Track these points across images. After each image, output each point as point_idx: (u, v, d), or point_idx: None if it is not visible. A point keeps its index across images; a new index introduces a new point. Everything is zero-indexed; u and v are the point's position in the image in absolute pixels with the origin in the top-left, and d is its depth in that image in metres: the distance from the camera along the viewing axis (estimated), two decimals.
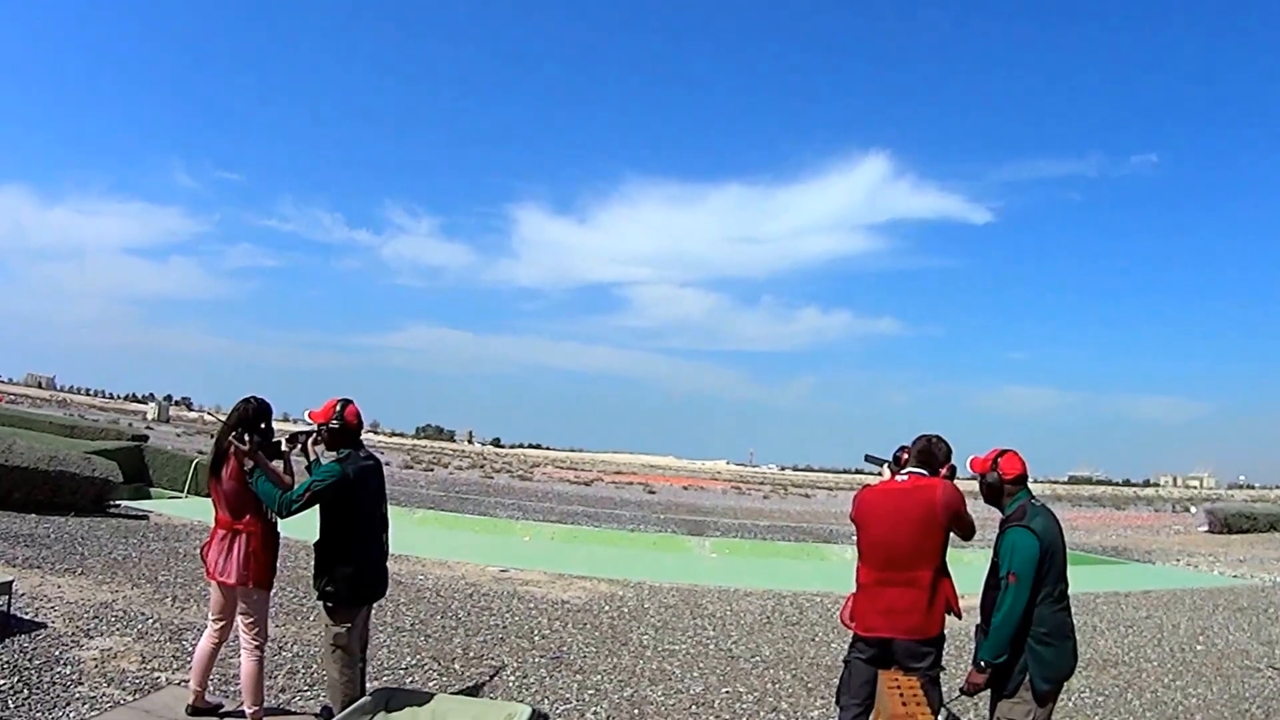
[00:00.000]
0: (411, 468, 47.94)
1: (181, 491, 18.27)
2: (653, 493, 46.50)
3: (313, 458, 4.92)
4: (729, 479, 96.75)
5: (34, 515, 12.05)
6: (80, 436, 22.31)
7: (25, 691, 5.29)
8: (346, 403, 4.90)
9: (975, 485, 4.43)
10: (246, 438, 4.76)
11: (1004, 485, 4.30)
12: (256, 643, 4.97)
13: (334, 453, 4.89)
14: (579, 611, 9.73)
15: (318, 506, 4.77)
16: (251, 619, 4.96)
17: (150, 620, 7.45)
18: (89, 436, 22.88)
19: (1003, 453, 4.33)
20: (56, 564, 9.16)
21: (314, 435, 4.92)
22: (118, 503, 14.41)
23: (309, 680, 6.34)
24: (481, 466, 60.68)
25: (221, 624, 5.08)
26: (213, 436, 5.19)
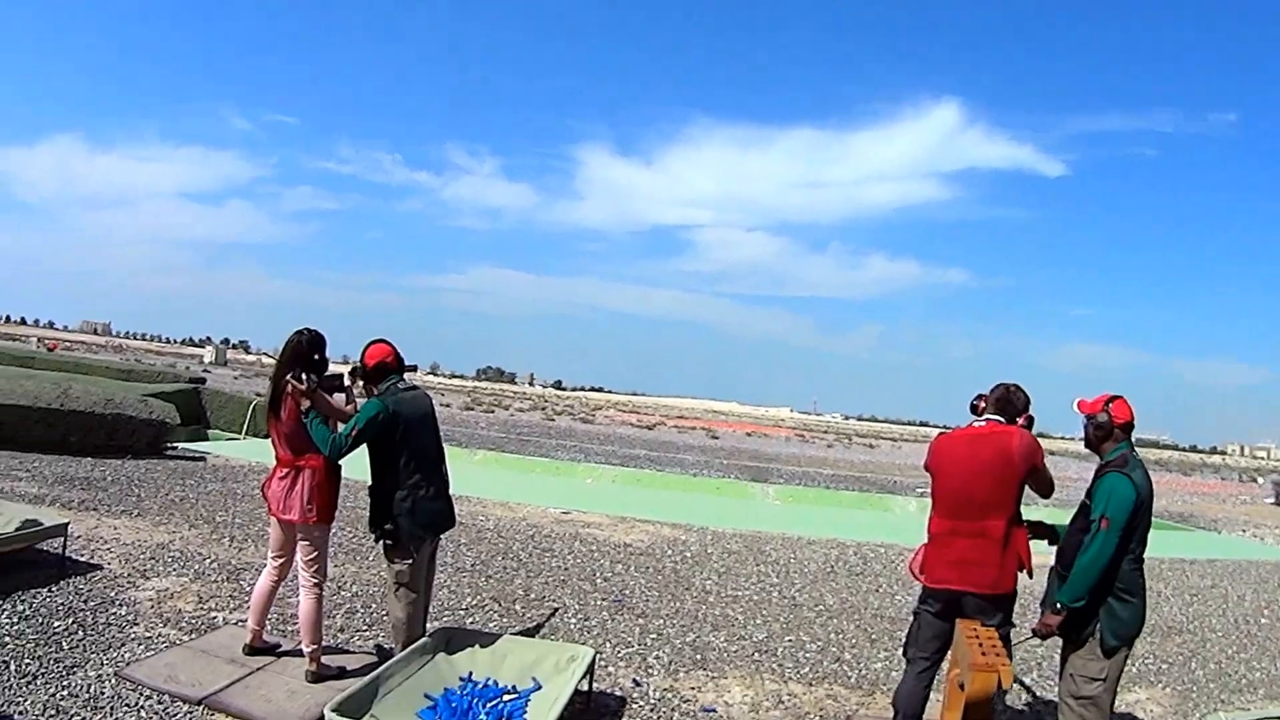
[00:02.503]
0: (472, 409, 49.19)
1: (239, 433, 18.96)
2: (716, 438, 47.79)
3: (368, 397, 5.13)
4: (792, 426, 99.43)
5: (90, 459, 12.71)
6: (137, 380, 23.11)
7: (80, 633, 5.64)
8: (371, 343, 5.14)
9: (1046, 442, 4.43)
10: (304, 377, 4.92)
11: (1114, 429, 4.35)
12: (315, 580, 5.19)
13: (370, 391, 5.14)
14: (641, 555, 10.15)
15: (367, 448, 4.97)
16: (311, 556, 5.19)
17: (207, 560, 7.85)
18: (146, 380, 23.69)
19: (1114, 398, 4.40)
20: (113, 506, 9.68)
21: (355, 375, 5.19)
22: (175, 445, 15.09)
23: (368, 620, 6.67)
24: (543, 409, 62.12)
25: (281, 561, 5.34)
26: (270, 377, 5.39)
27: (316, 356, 5.08)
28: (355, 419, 4.93)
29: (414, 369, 5.46)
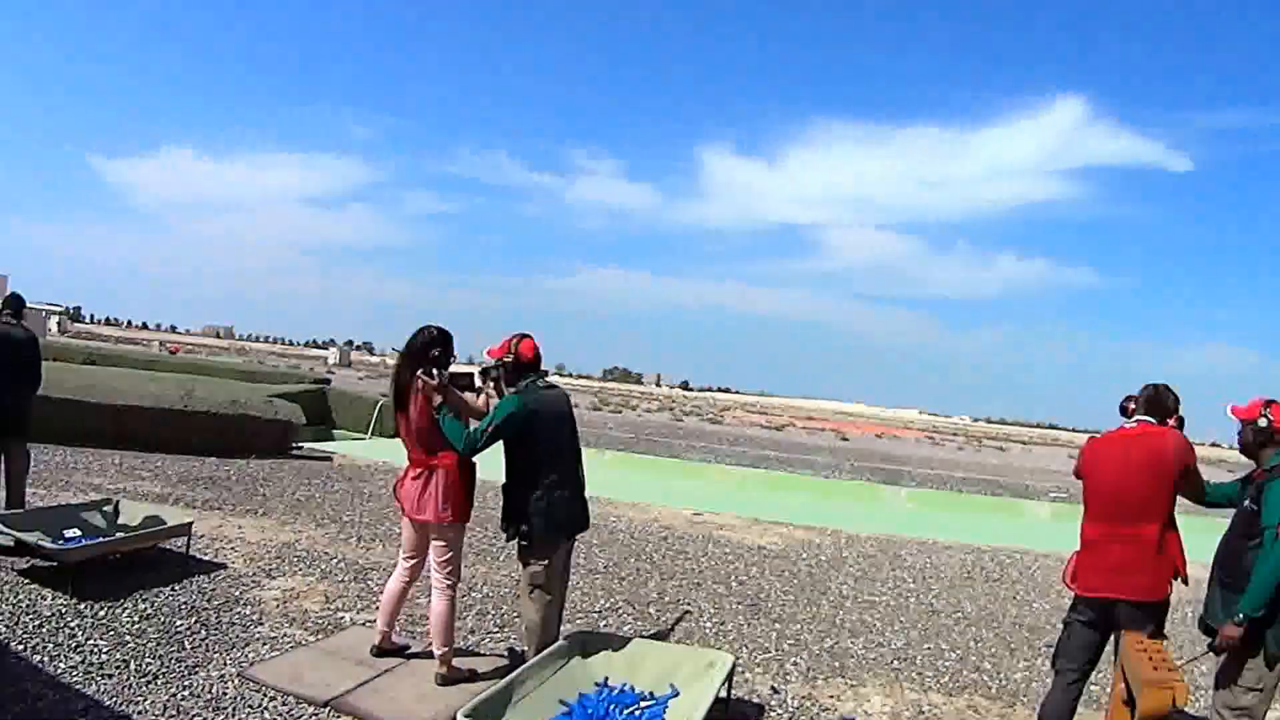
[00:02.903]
0: (600, 409, 49.48)
1: (365, 433, 19.27)
2: (845, 440, 48.30)
3: (499, 396, 5.15)
4: (921, 428, 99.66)
5: (214, 459, 12.98)
6: (261, 381, 23.78)
7: (203, 632, 5.61)
8: (522, 337, 5.10)
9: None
10: (435, 372, 4.94)
11: (1275, 434, 4.29)
12: (449, 582, 5.17)
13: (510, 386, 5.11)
14: (776, 558, 10.14)
15: (503, 446, 4.96)
16: (445, 557, 5.17)
17: (334, 560, 7.85)
18: (270, 381, 24.37)
19: (1270, 401, 4.35)
20: (238, 505, 9.81)
21: (495, 371, 5.16)
22: (300, 445, 15.34)
23: (499, 622, 6.56)
24: (670, 409, 62.78)
25: (413, 562, 5.35)
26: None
27: (441, 352, 5.08)
28: (492, 415, 4.93)
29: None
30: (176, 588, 6.37)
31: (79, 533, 6.64)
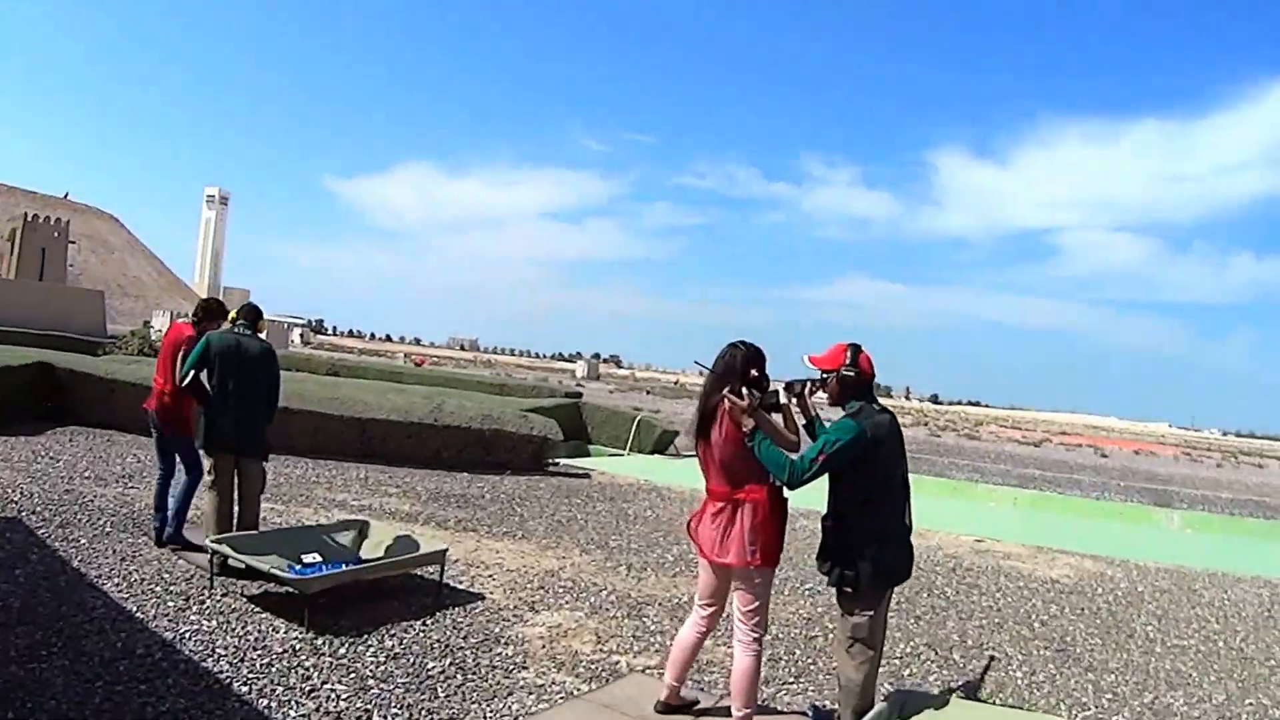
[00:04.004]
0: None
1: (623, 449, 19.10)
2: (1104, 456, 48.88)
3: (813, 414, 4.93)
4: (1175, 443, 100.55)
5: (465, 474, 13.02)
6: (510, 394, 24.29)
7: (459, 677, 5.22)
8: (857, 348, 4.81)
9: None
10: (745, 393, 4.61)
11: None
12: (755, 634, 4.78)
13: (839, 408, 4.82)
14: (1071, 593, 9.91)
15: (827, 478, 4.67)
16: (752, 607, 4.78)
17: (603, 592, 7.46)
18: (519, 394, 24.86)
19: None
20: (493, 527, 9.60)
21: (812, 384, 4.87)
22: (556, 461, 15.25)
23: (793, 669, 6.20)
24: (925, 424, 63.36)
25: (711, 610, 5.01)
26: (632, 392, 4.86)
27: (756, 373, 4.77)
28: (822, 440, 4.56)
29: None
30: (429, 622, 6.08)
31: (319, 558, 6.46)
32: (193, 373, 6.93)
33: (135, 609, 5.70)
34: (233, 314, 7.42)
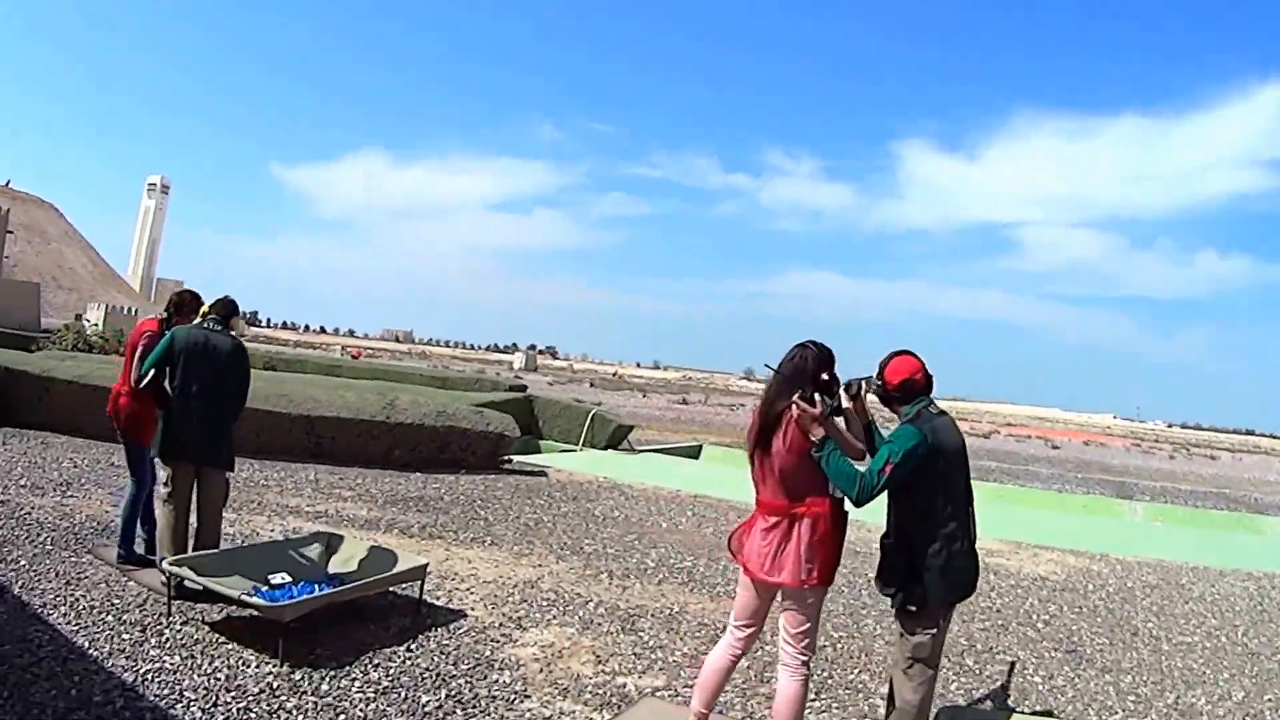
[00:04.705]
0: None
1: (576, 445, 18.68)
2: (1056, 448, 49.81)
3: (869, 417, 4.71)
4: (1122, 434, 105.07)
5: (419, 474, 12.53)
6: (452, 388, 23.78)
7: (459, 712, 4.78)
8: (895, 355, 4.72)
9: None
10: (819, 399, 4.40)
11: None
12: (804, 658, 4.50)
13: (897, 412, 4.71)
14: (1064, 591, 9.98)
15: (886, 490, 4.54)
16: (802, 628, 4.51)
17: (590, 604, 7.07)
18: (461, 388, 24.37)
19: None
20: (459, 532, 9.14)
21: (866, 383, 4.70)
22: (510, 459, 14.75)
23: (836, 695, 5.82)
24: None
25: (750, 631, 4.70)
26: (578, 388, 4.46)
27: (826, 377, 4.51)
28: (886, 451, 4.38)
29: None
30: (413, 647, 5.60)
31: (289, 578, 5.90)
32: (152, 372, 6.31)
33: (87, 644, 5.09)
34: (204, 308, 6.74)
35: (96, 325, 37.23)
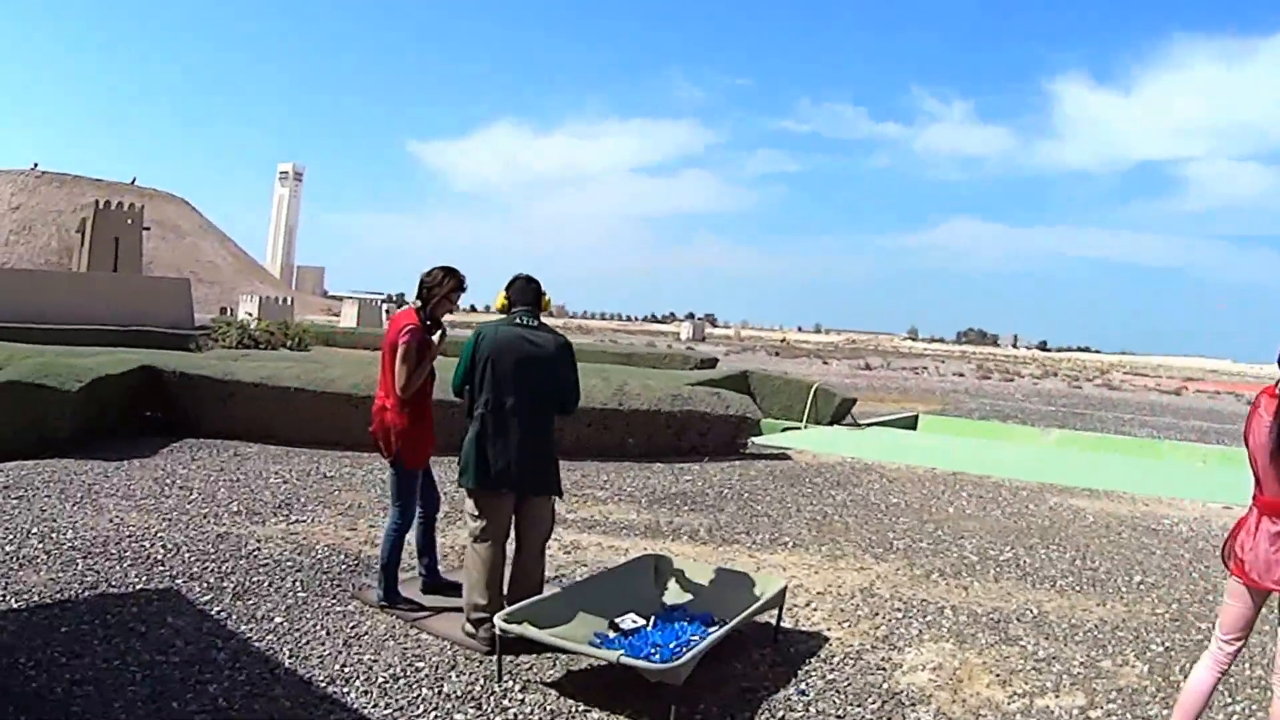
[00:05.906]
0: (989, 378, 47.66)
1: (798, 422, 17.88)
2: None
3: None
4: None
5: (660, 465, 11.92)
6: (640, 365, 23.30)
7: None
8: None
9: None
10: None
11: None
12: None
13: None
14: None
15: None
16: None
17: (945, 611, 6.45)
18: (650, 364, 23.89)
19: None
20: (751, 534, 8.45)
21: None
22: (748, 441, 14.07)
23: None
24: (1055, 374, 60.94)
25: (1238, 646, 4.31)
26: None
27: None
28: None
29: None
30: (802, 688, 4.93)
31: (639, 620, 5.16)
32: (466, 387, 5.51)
33: None
34: (499, 295, 5.75)
35: (254, 317, 36.92)
